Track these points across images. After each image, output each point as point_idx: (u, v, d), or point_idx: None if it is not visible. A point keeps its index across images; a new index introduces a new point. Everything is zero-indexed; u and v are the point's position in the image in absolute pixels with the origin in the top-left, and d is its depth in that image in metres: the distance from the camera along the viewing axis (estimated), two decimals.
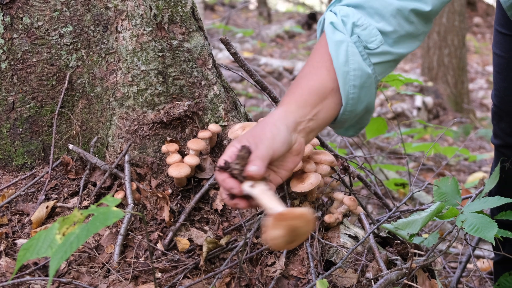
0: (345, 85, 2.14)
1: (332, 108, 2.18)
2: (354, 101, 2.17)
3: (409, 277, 2.45)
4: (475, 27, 20.60)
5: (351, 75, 2.14)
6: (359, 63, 2.15)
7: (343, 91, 2.14)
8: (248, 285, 2.47)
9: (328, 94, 2.16)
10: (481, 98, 13.25)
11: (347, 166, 2.89)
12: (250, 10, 23.30)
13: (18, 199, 2.68)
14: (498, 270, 3.23)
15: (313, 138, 2.24)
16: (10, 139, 2.76)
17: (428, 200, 5.42)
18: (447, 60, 11.76)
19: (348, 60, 2.14)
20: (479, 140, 9.77)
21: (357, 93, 2.16)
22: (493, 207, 2.47)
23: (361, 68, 2.15)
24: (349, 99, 2.16)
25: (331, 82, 2.16)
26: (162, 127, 2.69)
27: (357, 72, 2.15)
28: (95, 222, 1.74)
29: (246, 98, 10.84)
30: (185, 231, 2.58)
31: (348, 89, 2.15)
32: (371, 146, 8.08)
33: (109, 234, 2.54)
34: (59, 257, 1.70)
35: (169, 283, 2.41)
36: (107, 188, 2.69)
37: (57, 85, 2.72)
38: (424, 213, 2.34)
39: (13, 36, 2.68)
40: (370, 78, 2.18)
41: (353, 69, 2.14)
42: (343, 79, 2.14)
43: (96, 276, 2.42)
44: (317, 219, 2.64)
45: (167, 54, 2.68)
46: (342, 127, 2.31)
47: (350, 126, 2.32)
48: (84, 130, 2.76)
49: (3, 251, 2.48)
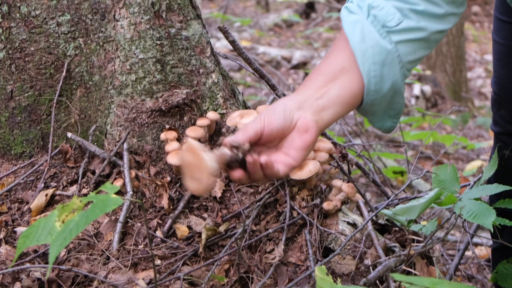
0: (364, 63, 2.13)
1: (348, 87, 2.15)
2: (376, 79, 2.15)
3: (407, 264, 2.46)
4: (474, 15, 20.58)
5: (369, 52, 2.13)
6: (376, 40, 2.13)
7: (363, 70, 2.13)
8: (247, 271, 2.48)
9: (339, 73, 2.15)
10: (479, 87, 13.25)
11: (345, 153, 2.90)
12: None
13: (17, 187, 2.69)
14: (496, 257, 3.23)
15: (330, 117, 2.17)
16: (8, 128, 2.76)
17: (426, 188, 5.43)
18: (445, 48, 11.74)
19: (365, 38, 2.13)
20: (477, 129, 9.78)
21: (379, 71, 2.14)
22: (492, 194, 2.48)
23: (379, 44, 2.13)
24: (370, 77, 2.14)
25: (342, 61, 2.16)
26: (161, 115, 2.69)
27: (376, 48, 2.13)
28: (94, 209, 1.75)
29: (244, 87, 10.83)
30: (184, 218, 2.59)
31: (369, 67, 2.13)
32: (369, 134, 8.08)
33: (108, 222, 2.55)
34: (58, 244, 1.71)
35: (168, 270, 2.42)
36: (106, 176, 2.69)
37: (55, 73, 2.72)
38: (422, 199, 2.35)
39: (10, 25, 2.68)
40: (391, 55, 2.15)
41: (370, 46, 2.13)
42: (362, 56, 2.13)
43: (95, 263, 2.43)
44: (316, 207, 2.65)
45: (165, 42, 2.68)
46: (375, 114, 2.28)
47: (385, 114, 2.29)
48: (82, 118, 2.77)
49: (3, 239, 2.49)
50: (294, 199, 2.65)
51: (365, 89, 2.15)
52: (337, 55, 2.19)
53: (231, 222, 2.61)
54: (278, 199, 2.66)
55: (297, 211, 2.62)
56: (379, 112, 2.27)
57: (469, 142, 7.32)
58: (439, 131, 8.63)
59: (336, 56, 2.20)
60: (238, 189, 2.68)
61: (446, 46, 11.71)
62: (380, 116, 2.30)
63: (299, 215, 2.61)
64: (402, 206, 2.35)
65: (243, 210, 2.63)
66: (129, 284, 2.35)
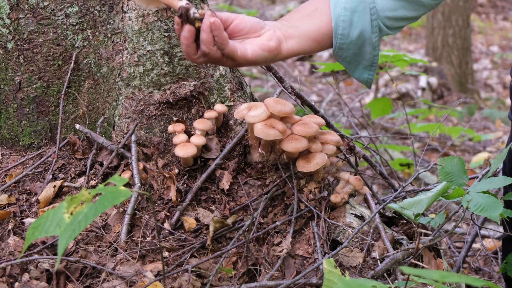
0: (336, 6, 2.27)
1: (317, 25, 2.30)
2: (345, 24, 2.28)
3: (415, 257, 2.46)
4: (480, 7, 20.51)
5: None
6: None
7: (333, 12, 2.27)
8: (255, 264, 2.48)
9: (312, 12, 2.31)
10: (485, 79, 13.22)
11: (352, 146, 2.90)
12: None
13: (26, 179, 2.70)
14: (506, 247, 3.23)
15: (294, 46, 2.29)
16: (17, 119, 2.77)
17: (433, 180, 5.43)
18: (451, 40, 11.72)
19: None
20: (484, 121, 9.76)
21: (349, 16, 2.27)
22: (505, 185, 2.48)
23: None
24: (339, 21, 2.27)
25: (318, 2, 2.31)
26: (169, 107, 2.69)
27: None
28: (103, 201, 1.75)
29: (250, 78, 10.83)
30: (191, 210, 2.59)
31: (339, 12, 2.26)
32: (376, 126, 8.08)
33: (116, 214, 2.56)
34: (67, 236, 1.71)
35: (176, 262, 2.43)
36: (114, 167, 2.70)
37: (64, 65, 2.73)
38: (430, 193, 2.35)
39: (19, 16, 2.68)
40: (362, 3, 2.27)
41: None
42: (335, 1, 2.27)
43: (103, 255, 2.43)
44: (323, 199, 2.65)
45: (173, 34, 2.68)
46: (349, 62, 2.40)
47: (359, 64, 2.41)
48: (90, 110, 2.77)
49: (11, 230, 2.50)
50: (301, 192, 2.65)
51: (333, 31, 2.28)
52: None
53: (239, 214, 2.61)
54: (285, 192, 2.66)
55: (304, 203, 2.62)
56: (352, 59, 2.39)
57: (476, 134, 7.31)
58: (445, 123, 8.62)
59: (316, 0, 2.34)
60: (245, 181, 2.68)
61: (452, 37, 11.68)
62: (354, 65, 2.41)
63: (306, 208, 2.62)
64: (409, 200, 2.35)
65: (251, 203, 2.63)
66: (137, 275, 2.36)
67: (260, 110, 2.56)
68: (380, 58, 4.20)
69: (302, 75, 12.02)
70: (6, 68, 2.73)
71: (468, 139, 8.26)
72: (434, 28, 11.93)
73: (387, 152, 6.00)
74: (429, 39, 12.26)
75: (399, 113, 7.05)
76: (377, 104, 5.11)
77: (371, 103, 5.22)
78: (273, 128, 2.52)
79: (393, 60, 4.46)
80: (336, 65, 4.38)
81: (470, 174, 4.11)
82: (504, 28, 18.17)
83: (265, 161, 2.68)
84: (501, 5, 20.69)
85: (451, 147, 7.76)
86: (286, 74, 10.75)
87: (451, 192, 2.36)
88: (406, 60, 4.49)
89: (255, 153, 2.68)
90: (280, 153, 2.66)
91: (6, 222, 2.53)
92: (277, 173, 2.68)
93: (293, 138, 2.56)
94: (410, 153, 6.39)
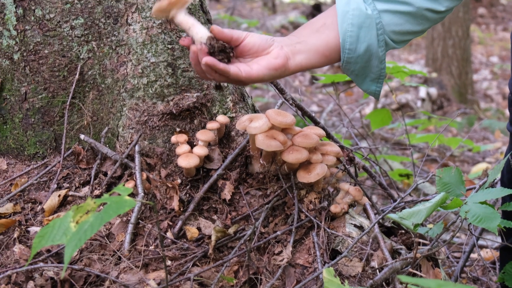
0: (343, 22, 2.34)
1: (325, 40, 2.37)
2: (352, 39, 2.35)
3: (414, 266, 2.49)
4: (480, 17, 20.55)
5: (350, 14, 2.34)
6: (358, 4, 2.34)
7: (340, 28, 2.34)
8: (256, 273, 2.51)
9: (320, 27, 2.38)
10: (485, 89, 13.25)
11: (352, 157, 2.93)
12: (255, 1, 23.27)
13: (31, 188, 2.73)
14: (504, 257, 3.25)
15: (302, 60, 2.35)
16: (22, 129, 2.80)
17: (432, 191, 5.45)
18: (451, 51, 11.76)
19: (349, 1, 2.34)
20: (483, 131, 9.79)
21: (356, 32, 2.34)
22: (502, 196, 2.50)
23: (360, 8, 2.33)
24: (346, 36, 2.35)
25: (325, 18, 2.39)
26: (172, 118, 2.73)
27: (356, 11, 2.33)
28: (108, 210, 1.78)
29: (251, 88, 10.85)
30: (194, 220, 2.62)
31: (346, 27, 2.34)
32: (375, 137, 8.10)
33: (120, 223, 2.59)
34: (73, 245, 1.74)
35: (179, 270, 2.46)
36: (118, 177, 2.73)
37: (69, 76, 2.77)
38: (428, 204, 2.37)
39: (25, 27, 2.72)
40: (369, 19, 2.35)
41: (352, 9, 2.33)
42: (342, 17, 2.34)
43: (107, 264, 2.46)
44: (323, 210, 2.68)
45: (176, 46, 2.72)
46: (357, 75, 2.48)
47: (366, 77, 2.49)
48: (95, 120, 2.81)
49: (17, 238, 2.53)
50: (302, 202, 2.68)
51: (340, 46, 2.36)
52: (325, 14, 2.41)
53: (240, 224, 2.65)
54: (286, 202, 2.70)
55: (305, 213, 2.66)
56: (359, 72, 2.47)
57: (475, 145, 7.34)
58: (445, 134, 8.65)
59: (324, 15, 2.41)
60: (247, 191, 2.72)
61: (452, 48, 11.72)
62: (362, 78, 2.49)
63: (307, 218, 2.65)
64: (408, 210, 2.38)
65: (252, 213, 2.66)
66: (140, 284, 2.39)
67: (262, 121, 2.60)
68: None
69: (302, 85, 12.06)
70: (12, 79, 2.77)
71: (467, 150, 8.28)
72: (434, 38, 11.98)
73: (386, 163, 6.03)
74: (429, 49, 12.30)
75: (398, 123, 7.08)
76: (377, 114, 5.15)
77: (371, 114, 5.26)
78: (274, 139, 2.55)
79: (392, 71, 4.50)
80: (337, 77, 4.42)
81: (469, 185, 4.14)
82: (504, 39, 18.21)
83: (266, 171, 2.71)
84: (501, 15, 20.75)
85: (450, 158, 7.79)
86: (287, 84, 10.78)
87: (449, 203, 2.38)
88: (405, 71, 4.53)
89: (257, 164, 2.71)
90: (281, 163, 2.70)
91: (11, 231, 2.57)
92: (278, 183, 2.72)
93: (294, 149, 2.59)
94: (410, 163, 6.42)
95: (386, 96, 10.54)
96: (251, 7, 21.56)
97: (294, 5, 22.70)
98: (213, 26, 2.17)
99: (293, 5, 22.84)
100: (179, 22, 2.21)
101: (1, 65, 2.77)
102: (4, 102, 2.80)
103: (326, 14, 2.42)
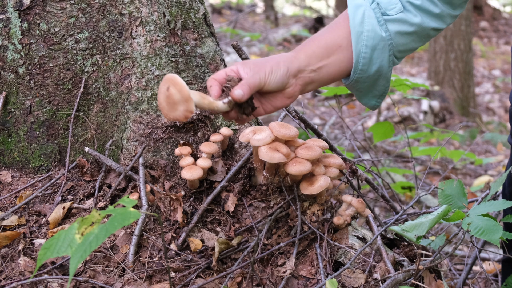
0: (357, 44, 2.34)
1: (338, 66, 2.40)
2: (365, 60, 2.37)
3: (416, 278, 2.49)
4: (482, 31, 20.59)
5: (365, 35, 2.34)
6: (373, 26, 2.34)
7: (355, 49, 2.35)
8: (259, 284, 2.52)
9: (336, 50, 2.37)
10: (487, 102, 13.26)
11: (355, 169, 2.94)
12: (257, 14, 23.33)
13: (35, 200, 2.74)
14: (506, 269, 3.25)
15: (312, 90, 2.45)
16: (27, 142, 2.82)
17: (434, 203, 5.46)
18: (453, 64, 11.78)
19: (364, 22, 2.34)
20: (485, 144, 9.80)
21: (369, 53, 2.36)
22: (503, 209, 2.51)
23: (375, 30, 2.34)
24: (360, 57, 2.36)
25: (341, 39, 2.37)
26: (175, 130, 2.74)
27: (371, 33, 2.34)
28: (113, 222, 1.80)
29: None
30: (197, 232, 2.63)
31: (360, 48, 2.35)
32: (378, 149, 8.11)
33: (124, 235, 2.60)
34: (78, 256, 1.75)
35: (182, 282, 2.47)
36: (122, 190, 2.74)
37: (73, 89, 2.78)
38: (431, 216, 2.38)
39: (30, 41, 2.75)
40: (383, 41, 2.36)
41: (367, 30, 2.34)
42: (356, 38, 2.34)
43: (111, 275, 2.47)
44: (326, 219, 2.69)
45: (180, 59, 2.74)
46: (360, 91, 2.50)
47: (370, 93, 2.52)
48: (99, 133, 2.82)
49: (22, 251, 2.54)
50: (305, 214, 2.70)
51: (353, 67, 2.38)
52: (338, 30, 2.40)
53: (244, 235, 2.66)
54: (289, 214, 2.71)
55: (308, 225, 2.67)
56: (364, 90, 2.50)
57: (477, 158, 7.35)
58: (447, 147, 8.66)
59: (336, 31, 2.40)
60: (250, 203, 2.73)
61: (454, 61, 11.74)
62: (365, 94, 2.53)
63: (309, 230, 2.66)
64: (411, 223, 2.39)
65: (255, 224, 2.67)
66: None
67: (265, 133, 2.61)
68: None
69: (305, 98, 12.07)
70: (17, 92, 2.79)
71: (469, 163, 8.29)
72: (436, 52, 12.00)
73: (389, 175, 6.03)
74: (431, 62, 12.33)
75: (401, 136, 7.10)
76: (379, 127, 5.16)
77: (373, 127, 5.27)
78: (277, 152, 2.57)
79: (395, 84, 4.52)
80: (339, 89, 4.43)
81: (471, 197, 4.15)
82: (506, 52, 18.23)
83: (269, 183, 2.72)
84: (503, 29, 20.78)
85: (452, 171, 7.80)
86: None
87: (452, 215, 2.39)
88: (408, 84, 4.54)
89: (260, 176, 2.73)
90: (284, 175, 2.71)
91: (16, 243, 2.58)
92: (281, 195, 2.73)
93: (297, 161, 2.61)
94: (412, 176, 6.43)
95: (389, 109, 10.55)
96: (254, 20, 21.61)
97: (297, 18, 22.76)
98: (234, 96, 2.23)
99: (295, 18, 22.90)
100: (199, 107, 2.23)
101: (6, 79, 2.79)
102: (9, 115, 2.82)
103: (337, 30, 2.42)
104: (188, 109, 2.14)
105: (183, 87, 2.12)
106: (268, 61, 2.30)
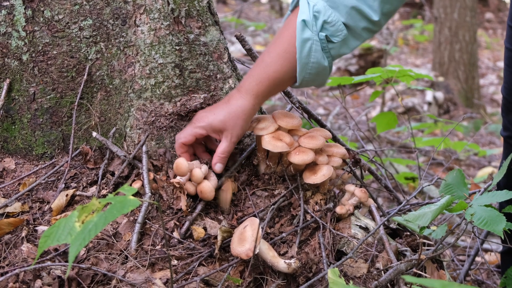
0: (302, 72, 2.56)
1: (283, 88, 2.76)
2: (308, 82, 2.61)
3: (418, 268, 2.50)
4: (487, 22, 20.54)
5: (309, 66, 2.55)
6: (318, 59, 2.54)
7: (299, 76, 2.57)
8: (262, 273, 2.52)
9: (288, 81, 2.62)
10: (491, 94, 13.25)
11: (358, 159, 2.95)
12: (262, 4, 23.28)
13: (39, 187, 2.75)
14: (505, 261, 3.26)
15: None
16: (30, 129, 2.82)
17: (437, 194, 5.46)
18: (458, 55, 11.76)
19: (310, 55, 2.53)
20: (489, 135, 9.79)
21: (312, 78, 2.59)
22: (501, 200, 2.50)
23: (319, 62, 2.55)
24: (303, 81, 2.59)
25: (293, 72, 2.57)
26: (179, 118, 2.74)
27: (315, 64, 2.55)
28: (112, 210, 1.80)
29: None
30: (200, 220, 2.63)
31: (304, 75, 2.57)
32: (381, 140, 8.11)
33: (127, 222, 2.60)
34: (78, 244, 1.76)
35: (185, 270, 2.47)
36: (125, 177, 2.75)
37: (77, 77, 2.79)
38: (434, 206, 2.37)
39: (34, 28, 2.74)
40: (325, 70, 2.59)
41: (312, 62, 2.54)
42: (302, 68, 2.55)
43: (114, 263, 2.48)
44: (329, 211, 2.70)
45: (184, 47, 2.74)
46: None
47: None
48: (102, 121, 2.82)
49: (25, 237, 2.55)
50: (307, 203, 2.70)
51: (296, 84, 2.62)
52: (288, 64, 2.57)
53: None
54: (292, 203, 2.71)
55: (310, 214, 2.67)
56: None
57: (481, 149, 7.34)
58: (451, 138, 8.66)
59: (287, 64, 2.58)
60: (253, 192, 2.73)
61: (458, 52, 11.72)
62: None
63: (312, 219, 2.66)
64: (414, 213, 2.38)
65: (258, 213, 2.67)
66: (146, 283, 2.40)
67: (268, 122, 2.62)
68: (386, 73, 4.25)
69: (309, 88, 12.06)
70: (21, 79, 2.79)
71: (473, 154, 8.29)
72: (441, 43, 11.98)
73: (392, 166, 6.04)
74: (436, 54, 12.31)
75: (404, 127, 7.09)
76: (383, 118, 5.15)
77: (377, 117, 5.27)
78: (280, 141, 2.57)
79: (398, 75, 4.51)
80: (343, 79, 4.43)
81: (474, 188, 4.14)
82: None
83: (272, 172, 2.73)
84: None
85: (456, 162, 7.80)
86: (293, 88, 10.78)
87: (455, 206, 2.39)
88: (411, 75, 4.53)
89: (263, 165, 2.73)
90: (287, 165, 2.71)
91: (19, 230, 2.59)
92: (284, 184, 2.73)
93: (300, 150, 2.61)
94: (415, 167, 6.42)
95: (393, 100, 10.55)
96: (258, 10, 21.58)
97: None
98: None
99: None
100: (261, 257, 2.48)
101: (10, 66, 2.79)
102: (13, 102, 2.82)
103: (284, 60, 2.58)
104: (251, 248, 2.36)
105: (258, 232, 2.38)
106: (237, 120, 2.57)
